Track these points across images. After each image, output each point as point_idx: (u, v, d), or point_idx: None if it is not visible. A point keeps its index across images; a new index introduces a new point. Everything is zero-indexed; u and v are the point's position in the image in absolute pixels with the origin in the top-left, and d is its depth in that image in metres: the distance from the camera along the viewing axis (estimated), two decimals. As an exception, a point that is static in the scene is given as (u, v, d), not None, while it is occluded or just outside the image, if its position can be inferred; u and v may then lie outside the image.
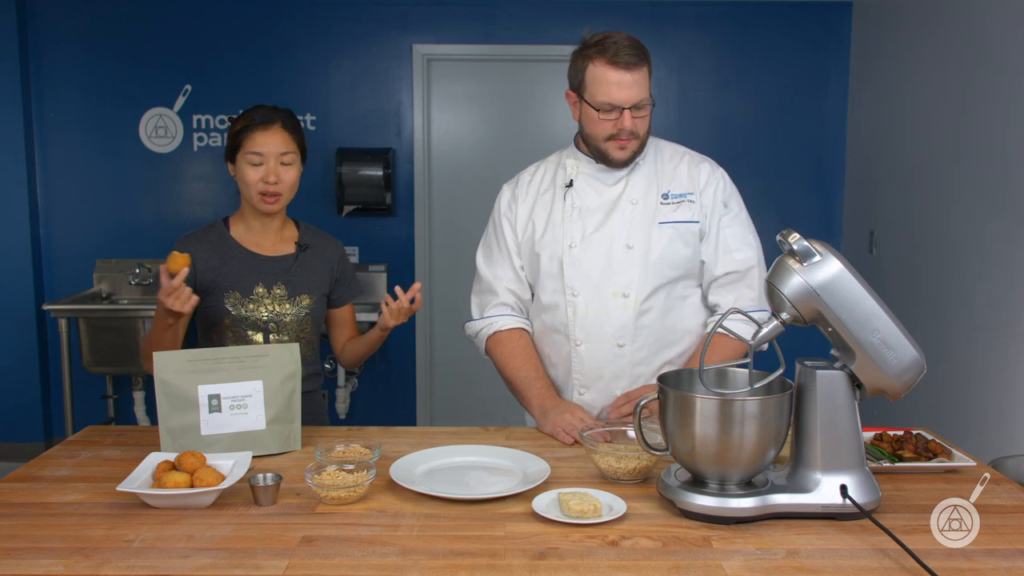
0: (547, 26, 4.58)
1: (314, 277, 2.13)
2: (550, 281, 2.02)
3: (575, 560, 1.30)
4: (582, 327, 1.99)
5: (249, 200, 2.05)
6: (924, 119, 3.79)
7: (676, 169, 2.03)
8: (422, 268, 4.75)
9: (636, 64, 1.89)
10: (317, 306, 2.13)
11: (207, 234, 2.10)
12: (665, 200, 1.99)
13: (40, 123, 4.57)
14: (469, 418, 4.65)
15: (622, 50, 1.89)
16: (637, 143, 1.96)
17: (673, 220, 1.98)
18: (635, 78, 1.90)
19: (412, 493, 1.55)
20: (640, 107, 1.92)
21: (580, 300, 1.99)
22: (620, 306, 1.97)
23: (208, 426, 1.76)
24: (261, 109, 2.05)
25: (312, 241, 2.16)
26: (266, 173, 2.01)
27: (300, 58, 4.60)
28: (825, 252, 1.42)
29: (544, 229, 2.03)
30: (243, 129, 2.02)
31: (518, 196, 2.11)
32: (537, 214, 2.06)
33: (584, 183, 2.03)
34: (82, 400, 4.37)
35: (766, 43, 4.60)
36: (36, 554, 1.33)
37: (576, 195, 2.03)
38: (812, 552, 1.34)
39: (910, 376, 1.44)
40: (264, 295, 2.06)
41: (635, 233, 1.97)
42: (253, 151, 2.00)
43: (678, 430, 1.46)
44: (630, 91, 1.89)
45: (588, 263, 1.98)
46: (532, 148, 4.85)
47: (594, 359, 2.00)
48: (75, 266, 4.61)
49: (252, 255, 2.09)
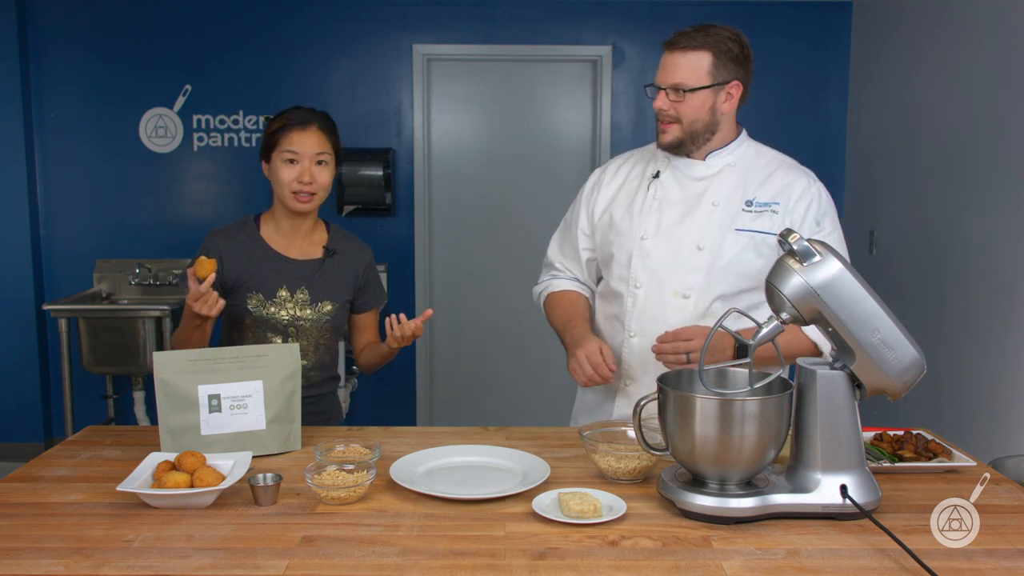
0: (547, 26, 4.58)
1: (338, 284, 2.12)
2: (618, 269, 2.02)
3: (575, 560, 1.30)
4: (638, 320, 1.98)
5: (282, 199, 2.05)
6: (924, 119, 3.79)
7: (769, 177, 1.97)
8: (422, 268, 4.76)
9: (684, 46, 1.89)
10: (339, 313, 2.12)
11: (238, 232, 2.09)
12: (748, 207, 1.94)
13: (40, 123, 4.57)
14: (469, 418, 4.65)
15: (677, 34, 1.91)
16: (679, 128, 1.92)
17: (751, 229, 1.93)
18: (678, 60, 1.89)
19: (412, 493, 1.55)
20: (678, 89, 1.89)
21: (641, 293, 1.97)
22: (679, 306, 1.94)
23: (208, 426, 1.76)
24: (299, 110, 2.07)
25: (340, 247, 2.15)
26: (301, 173, 2.01)
27: (300, 58, 4.60)
28: (825, 252, 1.42)
29: (623, 217, 2.02)
30: (280, 128, 2.03)
31: (603, 180, 2.11)
32: (619, 201, 2.05)
33: (670, 176, 2.00)
34: (82, 400, 4.37)
35: (766, 43, 4.59)
36: (36, 554, 1.33)
37: (660, 187, 2.00)
38: (812, 552, 1.34)
39: (910, 376, 1.44)
40: (287, 299, 2.06)
41: (709, 235, 1.93)
42: (289, 149, 2.01)
43: (678, 430, 1.46)
44: (667, 72, 1.90)
45: (656, 258, 1.96)
46: (532, 148, 4.88)
47: (645, 353, 1.96)
48: (75, 266, 4.61)
49: (279, 257, 2.08)
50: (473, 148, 4.77)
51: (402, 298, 4.76)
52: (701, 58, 1.89)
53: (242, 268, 2.05)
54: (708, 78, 1.89)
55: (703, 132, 1.94)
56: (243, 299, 2.04)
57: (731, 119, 1.98)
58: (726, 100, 1.93)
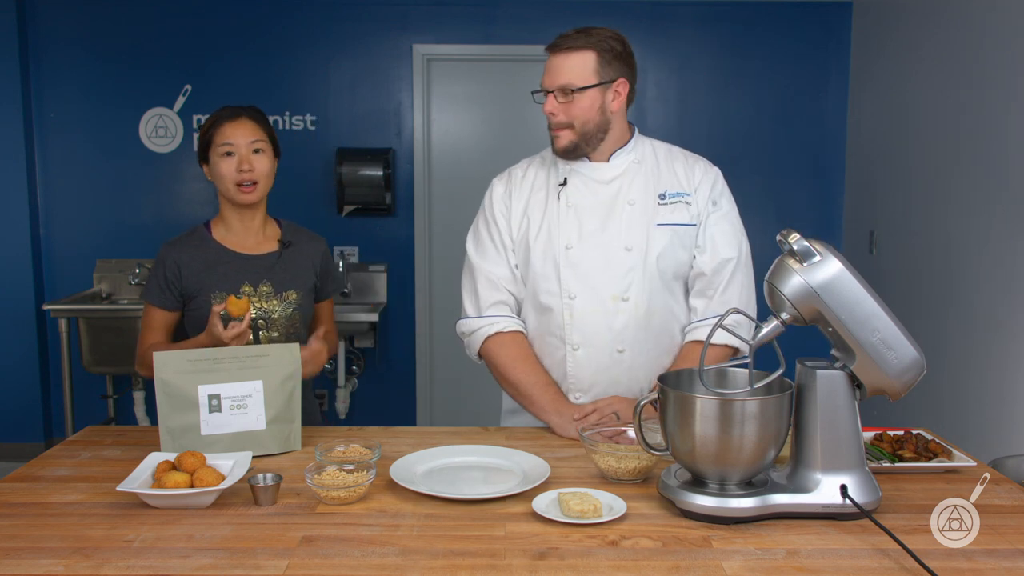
0: (547, 26, 4.55)
1: (299, 272, 2.14)
2: (544, 282, 1.98)
3: (575, 560, 1.30)
4: (580, 331, 1.95)
5: (227, 194, 2.07)
6: (924, 119, 3.79)
7: (672, 168, 2.00)
8: (422, 268, 4.75)
9: (568, 47, 1.89)
10: (304, 301, 2.13)
11: (189, 239, 2.11)
12: (663, 200, 1.96)
13: (40, 123, 4.57)
14: (469, 418, 4.63)
15: (559, 37, 1.92)
16: (571, 132, 1.92)
17: (670, 222, 1.95)
18: (563, 61, 1.89)
19: (412, 493, 1.55)
20: (567, 90, 1.89)
21: (578, 303, 1.95)
22: (621, 310, 1.94)
23: (208, 426, 1.76)
24: (227, 107, 2.10)
25: (295, 238, 2.17)
26: (239, 162, 2.03)
27: (300, 58, 4.60)
28: (825, 252, 1.42)
29: (539, 228, 1.99)
30: (212, 125, 2.06)
31: (512, 191, 2.05)
32: (532, 212, 2.01)
33: (578, 182, 1.99)
34: (82, 400, 4.37)
35: (766, 43, 4.59)
36: (36, 554, 1.33)
37: (570, 194, 1.98)
38: (812, 552, 1.34)
39: (910, 376, 1.44)
40: (251, 293, 2.07)
41: (633, 234, 1.94)
42: (224, 143, 2.03)
43: (678, 430, 1.46)
44: (553, 74, 1.91)
45: (587, 265, 1.94)
46: (532, 148, 4.82)
47: (592, 364, 1.96)
48: (75, 266, 4.61)
49: (236, 255, 2.09)
50: (473, 148, 4.77)
51: (402, 298, 4.76)
52: (586, 57, 1.89)
53: (200, 271, 2.06)
54: (595, 77, 1.90)
55: (596, 132, 1.94)
56: (207, 301, 2.04)
57: (622, 118, 1.98)
58: (614, 98, 1.93)
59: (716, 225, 1.96)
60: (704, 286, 1.96)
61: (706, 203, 1.96)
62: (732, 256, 1.95)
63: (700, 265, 1.96)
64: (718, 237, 1.96)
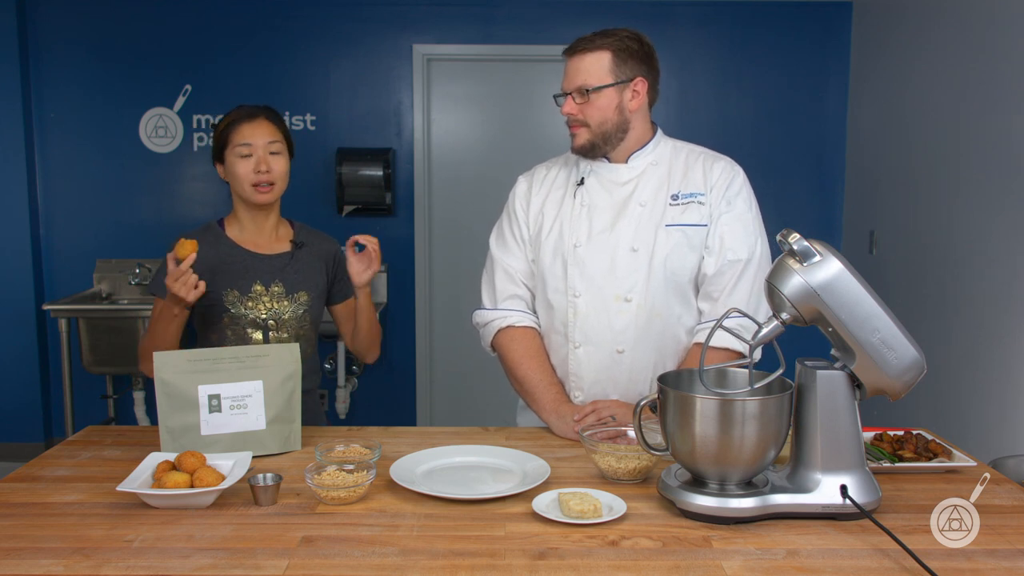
0: (547, 26, 4.58)
1: (311, 274, 2.13)
2: (552, 280, 1.99)
3: (575, 560, 1.30)
4: (582, 330, 1.96)
5: (242, 194, 2.06)
6: (924, 119, 3.79)
7: (692, 169, 1.97)
8: (422, 268, 4.75)
9: (583, 49, 1.91)
10: (315, 303, 2.13)
11: (203, 234, 2.10)
12: (674, 201, 1.94)
13: (40, 123, 4.57)
14: (469, 418, 4.64)
15: (576, 40, 1.94)
16: (588, 131, 1.94)
17: (680, 223, 1.92)
18: (579, 63, 1.91)
19: (412, 493, 1.55)
20: (583, 91, 1.91)
21: (581, 302, 1.95)
22: (623, 310, 1.93)
23: (208, 426, 1.76)
24: (244, 106, 2.09)
25: (308, 239, 2.17)
26: (257, 163, 2.03)
27: (300, 58, 4.60)
28: (825, 252, 1.42)
29: (552, 226, 2.01)
30: (229, 125, 2.06)
31: (533, 188, 2.08)
32: (548, 209, 2.03)
33: (595, 182, 2.00)
34: (82, 400, 4.37)
35: (766, 43, 4.60)
36: (36, 554, 1.33)
37: (586, 193, 1.99)
38: (812, 552, 1.34)
39: (910, 376, 1.44)
40: (262, 293, 2.07)
41: (641, 236, 1.93)
42: (242, 143, 2.03)
43: (678, 430, 1.46)
44: (570, 77, 1.93)
45: (592, 264, 1.95)
46: (532, 148, 4.86)
47: (592, 363, 1.96)
48: (75, 266, 4.61)
49: (249, 254, 2.09)
50: (473, 148, 4.77)
51: (402, 298, 4.76)
52: (601, 58, 1.91)
53: (213, 267, 2.05)
54: (610, 76, 1.91)
55: (614, 132, 1.94)
56: (218, 298, 2.04)
57: (643, 117, 1.99)
58: (633, 98, 1.93)
59: (727, 225, 1.92)
60: (710, 288, 1.93)
61: (719, 202, 1.93)
62: (740, 258, 1.90)
63: (706, 266, 1.93)
64: (727, 238, 1.91)
